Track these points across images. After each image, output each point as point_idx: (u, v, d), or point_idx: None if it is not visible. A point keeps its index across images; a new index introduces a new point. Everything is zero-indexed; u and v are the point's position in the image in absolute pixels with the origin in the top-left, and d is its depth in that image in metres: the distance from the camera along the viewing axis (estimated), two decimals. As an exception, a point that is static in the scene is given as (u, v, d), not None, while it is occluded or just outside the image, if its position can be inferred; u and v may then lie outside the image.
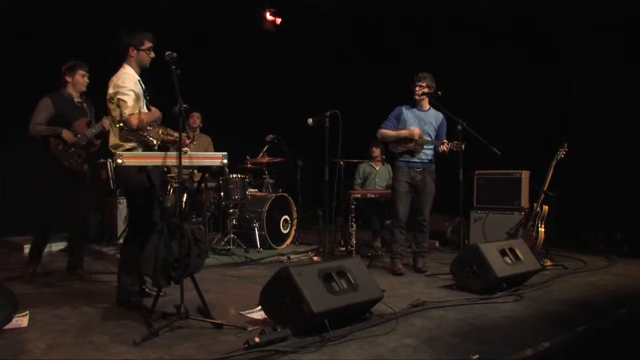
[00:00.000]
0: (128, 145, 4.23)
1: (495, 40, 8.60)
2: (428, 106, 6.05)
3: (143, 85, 4.33)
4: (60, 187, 5.25)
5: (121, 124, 4.15)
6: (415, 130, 5.87)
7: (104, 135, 5.39)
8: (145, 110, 4.32)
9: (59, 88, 5.35)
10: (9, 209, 7.61)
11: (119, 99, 4.14)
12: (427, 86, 5.92)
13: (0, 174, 7.76)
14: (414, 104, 6.02)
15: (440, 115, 6.09)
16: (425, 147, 5.94)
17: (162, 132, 4.18)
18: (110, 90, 4.21)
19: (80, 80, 5.34)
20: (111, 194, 7.50)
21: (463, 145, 5.83)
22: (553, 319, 4.11)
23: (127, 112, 4.12)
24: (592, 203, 7.53)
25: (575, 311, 4.34)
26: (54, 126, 5.18)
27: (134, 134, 4.16)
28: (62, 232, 6.03)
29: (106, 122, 5.27)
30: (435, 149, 6.01)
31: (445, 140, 5.95)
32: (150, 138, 4.12)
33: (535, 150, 7.50)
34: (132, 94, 4.17)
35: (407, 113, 5.98)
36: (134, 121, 4.12)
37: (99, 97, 4.92)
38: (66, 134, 5.18)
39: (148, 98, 4.37)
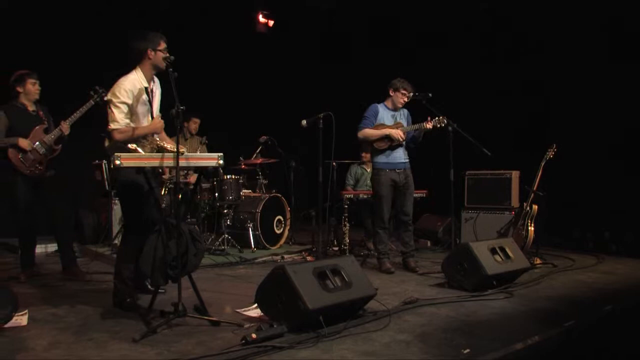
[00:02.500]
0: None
1: (485, 43, 8.71)
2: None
3: (149, 94, 4.25)
4: (24, 196, 5.32)
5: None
6: (400, 133, 5.96)
7: (64, 139, 5.50)
8: (146, 119, 4.31)
9: (11, 100, 5.41)
10: (3, 210, 7.63)
11: (109, 107, 4.13)
12: (410, 97, 6.07)
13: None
14: (387, 104, 6.14)
15: (406, 111, 6.23)
16: (407, 136, 6.04)
17: (155, 145, 4.10)
18: (108, 96, 4.21)
19: (31, 89, 5.41)
20: (106, 195, 7.55)
21: (445, 119, 5.90)
22: (542, 315, 4.20)
23: (111, 125, 4.11)
24: (581, 203, 7.64)
25: (564, 308, 4.43)
26: (10, 137, 5.25)
27: (123, 143, 4.13)
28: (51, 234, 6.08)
29: (64, 126, 5.37)
30: (412, 139, 6.10)
31: (428, 117, 5.96)
32: (140, 150, 4.03)
33: (525, 150, 7.60)
34: (123, 107, 4.12)
35: (383, 111, 6.10)
36: (116, 136, 4.11)
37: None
38: (22, 142, 5.25)
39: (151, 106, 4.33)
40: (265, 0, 10.58)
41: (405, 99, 6.05)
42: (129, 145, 3.96)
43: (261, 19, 10.82)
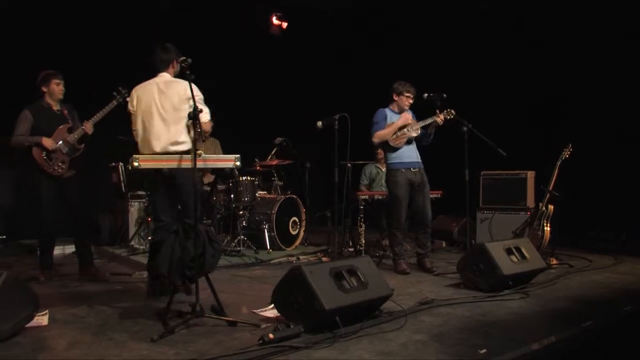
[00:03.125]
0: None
1: (498, 41, 8.68)
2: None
3: None
4: (46, 195, 5.39)
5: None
6: (407, 115, 6.01)
7: (87, 139, 5.56)
8: None
9: (37, 99, 5.49)
10: (24, 212, 7.72)
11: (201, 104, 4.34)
12: (414, 98, 6.09)
13: (13, 178, 7.91)
14: (393, 108, 6.15)
15: (410, 111, 6.21)
16: (419, 130, 6.03)
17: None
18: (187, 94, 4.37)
19: (55, 89, 5.48)
20: (122, 197, 7.62)
21: (453, 111, 5.91)
22: (559, 315, 4.19)
23: (207, 116, 4.42)
24: (598, 202, 7.59)
25: (581, 308, 4.40)
26: (34, 136, 5.32)
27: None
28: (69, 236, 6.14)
29: (88, 125, 5.44)
30: (424, 135, 6.11)
31: (437, 111, 5.97)
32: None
33: (541, 150, 7.58)
34: None
35: (391, 115, 6.10)
36: (209, 128, 4.50)
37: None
38: (46, 142, 5.32)
39: None
40: (278, 2, 10.63)
41: (410, 101, 6.06)
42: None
43: (275, 21, 10.86)
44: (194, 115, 3.78)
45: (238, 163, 4.01)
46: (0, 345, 3.40)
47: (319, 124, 6.03)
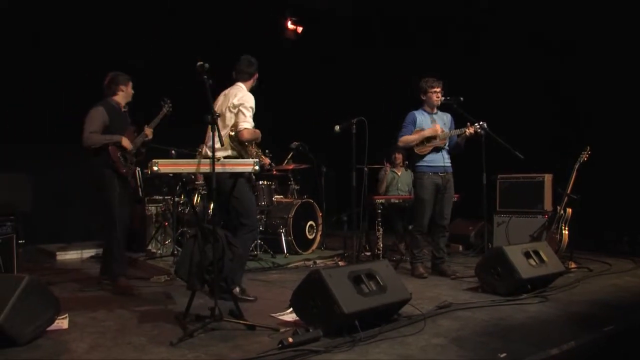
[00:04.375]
0: (229, 152, 4.69)
1: (514, 43, 8.65)
2: (436, 109, 6.14)
3: None
4: (119, 194, 5.28)
5: (232, 133, 4.63)
6: (438, 127, 5.97)
7: (147, 144, 5.60)
8: None
9: (107, 97, 5.40)
10: (41, 217, 7.78)
11: (240, 110, 4.71)
12: (442, 90, 6.02)
13: (30, 182, 7.95)
14: (425, 108, 6.10)
15: (448, 115, 6.20)
16: (447, 140, 6.03)
17: (256, 153, 4.70)
18: (235, 100, 4.76)
19: (130, 91, 5.51)
20: (139, 201, 7.66)
21: (485, 124, 5.87)
22: (578, 319, 4.16)
23: (244, 124, 4.64)
24: (617, 206, 7.52)
25: (601, 312, 4.37)
26: (112, 135, 5.24)
27: (239, 145, 4.66)
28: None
29: (148, 130, 5.46)
30: (455, 145, 6.08)
31: (468, 124, 5.95)
32: (247, 154, 4.66)
33: (558, 153, 7.53)
34: (252, 112, 4.77)
35: (421, 117, 6.05)
36: (246, 135, 4.69)
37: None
38: (126, 142, 5.28)
39: None
40: (292, 6, 10.67)
41: (439, 95, 5.99)
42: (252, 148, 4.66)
43: (290, 25, 10.90)
44: (212, 120, 3.80)
45: (257, 167, 4.01)
46: (23, 348, 3.44)
47: (337, 128, 6.03)
